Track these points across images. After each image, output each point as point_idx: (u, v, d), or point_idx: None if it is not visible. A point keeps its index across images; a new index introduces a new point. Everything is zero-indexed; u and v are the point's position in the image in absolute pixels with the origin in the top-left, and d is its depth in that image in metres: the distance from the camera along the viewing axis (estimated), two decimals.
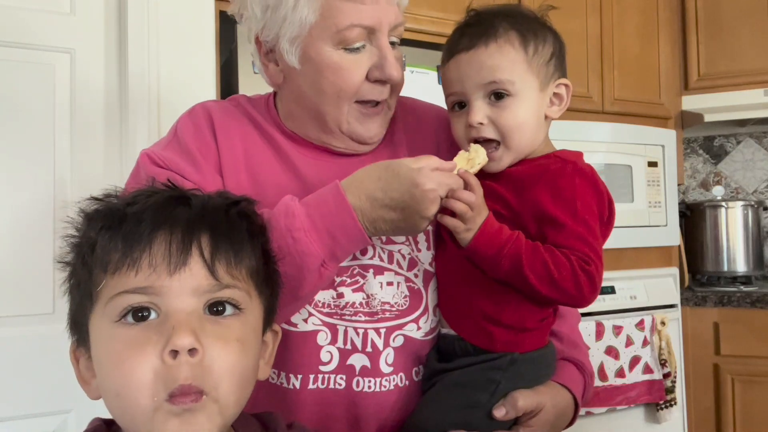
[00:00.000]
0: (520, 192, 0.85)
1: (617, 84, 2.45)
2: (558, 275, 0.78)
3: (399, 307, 0.89)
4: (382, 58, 0.86)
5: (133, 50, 1.53)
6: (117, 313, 0.58)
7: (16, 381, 1.42)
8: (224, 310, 0.60)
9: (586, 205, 0.82)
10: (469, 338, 0.87)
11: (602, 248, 0.83)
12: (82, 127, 1.51)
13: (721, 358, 2.40)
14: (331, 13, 0.83)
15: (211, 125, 0.92)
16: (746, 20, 2.54)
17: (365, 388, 0.87)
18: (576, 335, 1.01)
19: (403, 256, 0.91)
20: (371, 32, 0.85)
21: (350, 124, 0.89)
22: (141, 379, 0.55)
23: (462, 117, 0.88)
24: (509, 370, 0.85)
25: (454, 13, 2.05)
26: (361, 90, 0.87)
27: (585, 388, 0.95)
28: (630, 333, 2.24)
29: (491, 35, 0.85)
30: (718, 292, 2.45)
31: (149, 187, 0.65)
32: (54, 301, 1.47)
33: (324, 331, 0.86)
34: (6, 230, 1.44)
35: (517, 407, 0.84)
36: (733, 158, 2.99)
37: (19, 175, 1.45)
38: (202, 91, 1.60)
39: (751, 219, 2.62)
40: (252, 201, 0.68)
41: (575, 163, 0.85)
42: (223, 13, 1.68)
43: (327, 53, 0.85)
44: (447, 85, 0.90)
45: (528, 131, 0.86)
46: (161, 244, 0.58)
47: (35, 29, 1.47)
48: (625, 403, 2.20)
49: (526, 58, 0.85)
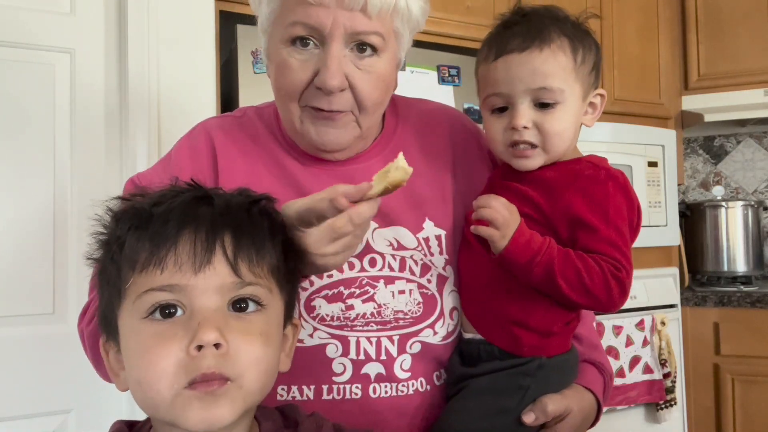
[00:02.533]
0: (552, 196, 0.85)
1: (617, 84, 2.45)
2: (590, 282, 0.79)
3: (413, 314, 0.88)
4: (323, 63, 0.81)
5: (133, 50, 1.53)
6: (145, 309, 0.60)
7: (16, 381, 1.42)
8: (247, 306, 0.63)
9: (618, 211, 0.82)
10: (495, 342, 0.87)
11: (631, 253, 0.83)
12: (82, 127, 1.51)
13: (721, 358, 2.40)
14: (284, 11, 0.83)
15: (211, 148, 0.92)
16: (746, 20, 2.55)
17: (382, 394, 0.86)
18: (594, 336, 1.00)
19: (415, 261, 0.90)
20: (319, 34, 0.82)
21: (303, 125, 0.86)
22: (164, 368, 0.58)
23: (501, 120, 0.87)
24: (537, 375, 0.85)
25: (454, 13, 2.06)
26: (306, 93, 0.84)
27: (605, 389, 0.96)
28: (630, 333, 2.24)
29: (545, 40, 0.84)
30: (718, 292, 2.45)
31: (173, 186, 0.67)
32: (54, 301, 1.47)
33: (333, 344, 0.85)
34: (6, 230, 1.44)
35: (547, 412, 0.84)
36: (733, 158, 2.99)
37: (20, 174, 1.45)
38: (202, 91, 1.60)
39: (751, 219, 2.62)
40: (272, 199, 0.69)
41: (608, 169, 0.86)
42: (223, 13, 1.69)
43: (279, 50, 0.84)
44: (491, 85, 0.87)
45: (567, 138, 0.87)
46: (186, 244, 0.61)
47: (35, 29, 1.47)
48: (625, 403, 2.20)
49: (574, 67, 0.85)
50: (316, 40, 0.82)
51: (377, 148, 0.95)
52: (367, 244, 0.89)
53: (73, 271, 1.48)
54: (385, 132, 0.96)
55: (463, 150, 0.99)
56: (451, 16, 2.05)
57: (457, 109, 1.06)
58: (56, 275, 1.48)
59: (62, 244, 1.48)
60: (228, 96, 1.71)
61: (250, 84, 1.65)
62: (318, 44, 0.83)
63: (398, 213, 0.91)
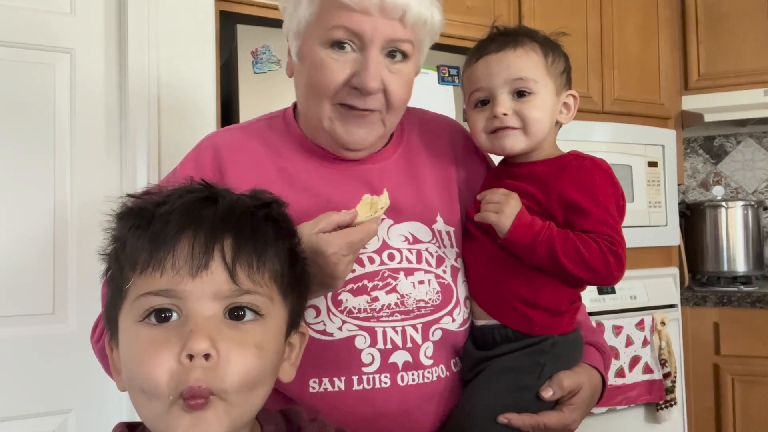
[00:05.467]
0: (546, 188, 0.93)
1: (617, 84, 2.45)
2: (589, 257, 0.88)
3: (433, 302, 0.93)
4: (363, 66, 0.88)
5: (133, 50, 1.53)
6: (141, 313, 0.60)
7: (16, 381, 1.42)
8: (244, 315, 0.61)
9: (606, 194, 0.92)
10: (509, 324, 0.93)
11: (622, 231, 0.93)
12: (82, 127, 1.51)
13: (721, 358, 2.40)
14: (324, 15, 0.88)
15: (217, 163, 0.94)
16: (746, 20, 2.54)
17: (410, 381, 0.90)
18: (589, 321, 1.08)
19: (431, 253, 0.95)
20: (360, 39, 0.88)
21: (332, 123, 0.92)
22: (159, 377, 0.57)
23: (484, 112, 0.97)
24: (552, 352, 0.92)
25: (454, 13, 2.06)
26: (341, 92, 0.90)
27: (606, 368, 1.03)
28: (630, 333, 2.24)
29: (518, 42, 0.96)
30: (718, 292, 2.45)
31: (185, 185, 0.66)
32: (54, 301, 1.47)
33: (362, 336, 0.89)
34: (6, 230, 1.44)
35: (563, 387, 0.91)
36: (733, 158, 2.99)
37: (19, 174, 1.45)
38: (202, 91, 1.60)
39: (751, 219, 2.62)
40: (282, 203, 0.68)
41: (592, 159, 0.95)
42: (223, 13, 1.69)
43: (316, 51, 0.90)
44: (473, 82, 0.98)
45: (544, 126, 0.96)
46: (185, 246, 0.59)
47: (35, 29, 1.47)
48: (625, 403, 2.20)
49: (545, 65, 0.96)
50: (354, 44, 0.89)
51: (389, 152, 1.01)
52: (383, 242, 0.94)
53: (73, 271, 1.48)
54: (395, 137, 1.03)
55: (463, 153, 1.07)
56: (451, 16, 2.03)
57: (453, 119, 1.14)
58: (56, 275, 1.48)
59: (62, 244, 1.49)
60: (228, 96, 1.71)
61: (250, 84, 1.65)
62: (356, 48, 0.89)
63: (411, 209, 0.97)
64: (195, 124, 1.58)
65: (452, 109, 1.97)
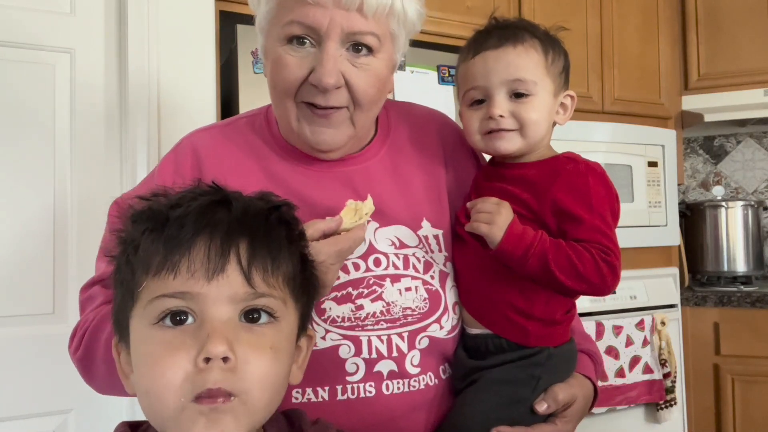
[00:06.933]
0: (538, 193, 0.90)
1: (617, 84, 2.45)
2: (582, 268, 0.84)
3: (420, 310, 0.90)
4: (318, 62, 0.83)
5: (133, 50, 1.53)
6: (155, 315, 0.59)
7: (16, 381, 1.42)
8: (259, 317, 0.61)
9: (600, 200, 0.88)
10: (503, 334, 0.90)
11: (617, 238, 0.89)
12: (82, 127, 1.51)
13: (721, 358, 2.40)
14: (281, 10, 0.85)
15: (196, 163, 0.91)
16: (746, 20, 2.54)
17: (395, 390, 0.87)
18: (581, 326, 1.06)
19: (418, 259, 0.92)
20: (316, 33, 0.83)
21: (300, 123, 0.88)
22: (171, 380, 0.57)
23: (479, 111, 0.93)
24: (547, 365, 0.89)
25: (454, 13, 2.06)
26: (302, 90, 0.85)
27: (597, 376, 1.01)
28: (630, 333, 2.24)
29: (519, 38, 0.91)
30: (718, 292, 2.45)
31: (195, 187, 0.66)
32: (54, 301, 1.48)
33: (346, 345, 0.86)
34: (6, 229, 1.44)
35: (558, 401, 0.89)
36: (733, 158, 2.99)
37: (20, 174, 1.46)
38: (202, 91, 1.60)
39: (751, 219, 2.62)
40: (292, 206, 0.68)
41: (586, 162, 0.91)
42: (223, 13, 1.69)
43: (276, 48, 0.86)
44: (470, 80, 0.93)
45: (541, 129, 0.92)
46: (200, 250, 0.59)
47: (35, 29, 1.47)
48: (625, 403, 2.20)
49: (545, 64, 0.92)
50: (312, 39, 0.84)
51: (372, 150, 0.96)
52: (370, 245, 0.90)
53: (73, 271, 1.48)
54: (379, 134, 0.98)
55: (452, 149, 1.02)
56: (451, 16, 2.05)
57: (441, 112, 1.10)
58: (56, 275, 1.48)
59: (62, 245, 1.49)
60: (228, 96, 1.71)
61: (250, 84, 1.65)
62: (314, 43, 0.84)
63: (397, 212, 0.93)
64: (195, 123, 1.56)
65: (452, 109, 1.96)
